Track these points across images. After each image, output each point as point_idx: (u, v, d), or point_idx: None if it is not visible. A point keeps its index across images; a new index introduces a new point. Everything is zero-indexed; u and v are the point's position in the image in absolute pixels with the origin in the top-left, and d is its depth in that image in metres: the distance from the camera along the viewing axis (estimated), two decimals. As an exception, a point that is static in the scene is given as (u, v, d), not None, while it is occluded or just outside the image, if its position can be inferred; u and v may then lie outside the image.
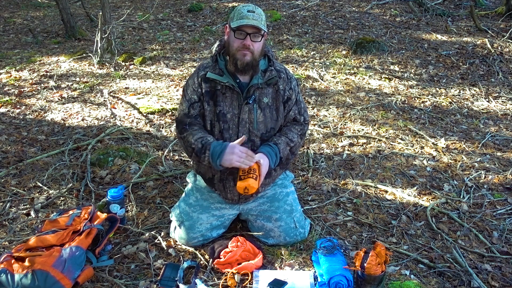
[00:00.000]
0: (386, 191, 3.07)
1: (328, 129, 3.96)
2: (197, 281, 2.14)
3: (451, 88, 4.97)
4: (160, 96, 4.64)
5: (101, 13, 5.80)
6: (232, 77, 2.31)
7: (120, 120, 4.09)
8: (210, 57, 2.42)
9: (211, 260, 2.31)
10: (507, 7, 7.40)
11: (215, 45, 2.41)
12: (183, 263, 2.27)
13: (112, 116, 4.16)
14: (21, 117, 4.17)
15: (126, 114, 4.22)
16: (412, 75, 5.29)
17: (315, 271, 2.27)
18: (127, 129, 3.89)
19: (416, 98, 4.68)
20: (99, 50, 5.70)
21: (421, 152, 3.61)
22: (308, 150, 3.55)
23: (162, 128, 3.95)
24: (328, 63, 5.62)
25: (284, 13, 7.82)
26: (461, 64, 5.58)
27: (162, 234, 2.53)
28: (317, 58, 5.83)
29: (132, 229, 2.55)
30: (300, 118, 2.49)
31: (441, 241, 2.58)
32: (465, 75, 5.31)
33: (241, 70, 2.26)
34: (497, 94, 4.83)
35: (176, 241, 2.48)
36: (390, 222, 2.75)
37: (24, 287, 2.00)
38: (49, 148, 3.57)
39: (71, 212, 2.44)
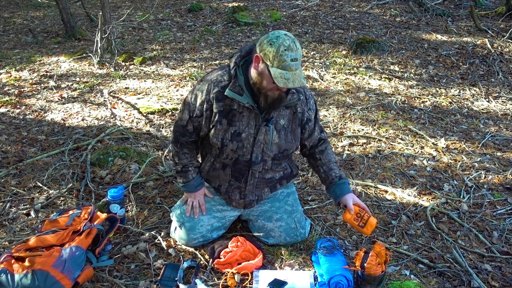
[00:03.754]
0: (386, 191, 3.07)
1: (328, 129, 3.96)
2: (197, 281, 2.14)
3: (451, 88, 4.96)
4: (160, 96, 4.64)
5: (101, 13, 5.79)
6: (251, 95, 2.16)
7: (120, 120, 4.09)
8: (226, 70, 2.22)
9: (211, 260, 2.31)
10: (507, 7, 7.39)
11: (234, 58, 2.20)
12: (183, 263, 2.27)
13: (112, 116, 4.16)
14: (21, 117, 4.17)
15: (126, 114, 4.22)
16: (412, 75, 5.28)
17: (315, 271, 2.27)
18: (127, 129, 3.88)
19: (416, 98, 4.68)
20: (99, 50, 5.70)
21: (421, 152, 3.61)
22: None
23: (162, 128, 3.95)
24: (328, 63, 5.62)
25: (284, 13, 7.81)
26: (461, 64, 5.58)
27: (162, 234, 2.53)
28: (317, 58, 5.83)
29: (132, 229, 2.55)
30: (324, 135, 2.44)
31: (441, 241, 2.58)
32: (465, 75, 5.31)
33: (270, 105, 2.16)
34: (497, 94, 4.83)
35: (176, 241, 2.47)
36: (390, 222, 2.75)
37: (24, 287, 2.00)
38: (49, 148, 3.56)
39: (71, 212, 2.43)
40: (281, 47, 1.96)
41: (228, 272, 2.22)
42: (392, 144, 3.71)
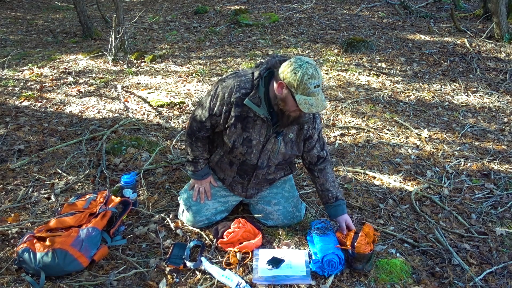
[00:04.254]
0: (374, 177, 3.04)
1: (322, 120, 3.92)
2: (203, 259, 2.12)
3: (433, 83, 4.91)
4: (169, 91, 4.59)
5: (115, 15, 5.72)
6: (267, 106, 2.08)
7: (132, 112, 4.04)
8: (250, 78, 2.10)
9: (215, 240, 2.28)
10: (484, 10, 7.33)
11: (259, 69, 2.09)
12: (189, 242, 2.25)
13: (125, 109, 4.11)
14: (43, 109, 4.12)
15: (138, 107, 4.17)
16: (398, 71, 5.23)
17: (309, 250, 2.25)
18: (138, 120, 3.84)
19: (401, 93, 4.63)
20: (113, 49, 5.63)
21: (406, 141, 3.57)
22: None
23: (171, 120, 3.91)
24: (321, 61, 5.56)
25: (282, 15, 7.72)
26: (442, 61, 5.52)
27: (171, 216, 2.50)
28: (311, 56, 5.76)
29: (143, 211, 2.52)
30: (323, 153, 2.32)
31: (424, 223, 2.56)
32: (446, 71, 5.25)
33: (291, 123, 2.10)
34: (475, 89, 4.78)
35: (183, 223, 2.45)
36: (378, 205, 2.72)
37: (45, 265, 1.98)
38: (68, 138, 3.52)
39: (87, 196, 2.41)
40: (305, 76, 1.88)
41: (231, 250, 2.20)
42: (379, 134, 3.67)
